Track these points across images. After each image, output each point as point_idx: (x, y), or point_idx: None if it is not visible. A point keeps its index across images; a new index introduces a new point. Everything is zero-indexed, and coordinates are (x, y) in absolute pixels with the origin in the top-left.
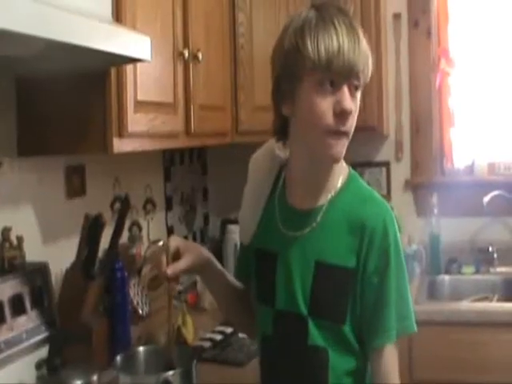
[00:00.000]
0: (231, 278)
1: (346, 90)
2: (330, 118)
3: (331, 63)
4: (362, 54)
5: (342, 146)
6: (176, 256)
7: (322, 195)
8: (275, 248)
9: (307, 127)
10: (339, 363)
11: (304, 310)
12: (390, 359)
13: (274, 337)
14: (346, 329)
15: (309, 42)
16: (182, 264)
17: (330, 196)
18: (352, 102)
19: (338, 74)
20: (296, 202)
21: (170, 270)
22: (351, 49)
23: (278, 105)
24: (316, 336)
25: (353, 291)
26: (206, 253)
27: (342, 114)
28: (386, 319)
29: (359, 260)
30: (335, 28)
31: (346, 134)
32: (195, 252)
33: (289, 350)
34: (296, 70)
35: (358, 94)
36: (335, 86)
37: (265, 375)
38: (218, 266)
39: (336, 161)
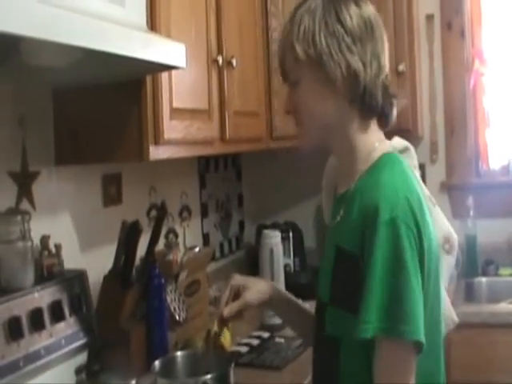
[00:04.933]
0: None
1: (288, 91)
2: None
3: None
4: (283, 49)
5: (299, 136)
6: (236, 295)
7: (349, 181)
8: (327, 234)
9: None
10: (352, 357)
11: (326, 296)
12: (384, 357)
13: (314, 324)
14: None
15: None
16: (237, 304)
17: (354, 182)
18: (288, 101)
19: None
20: (337, 188)
21: (226, 312)
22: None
23: None
24: (330, 325)
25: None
26: (268, 287)
27: None
28: (362, 309)
29: (360, 247)
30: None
31: (297, 125)
32: (255, 289)
33: (314, 338)
34: None
35: (300, 87)
36: None
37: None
38: (287, 296)
39: (299, 148)
